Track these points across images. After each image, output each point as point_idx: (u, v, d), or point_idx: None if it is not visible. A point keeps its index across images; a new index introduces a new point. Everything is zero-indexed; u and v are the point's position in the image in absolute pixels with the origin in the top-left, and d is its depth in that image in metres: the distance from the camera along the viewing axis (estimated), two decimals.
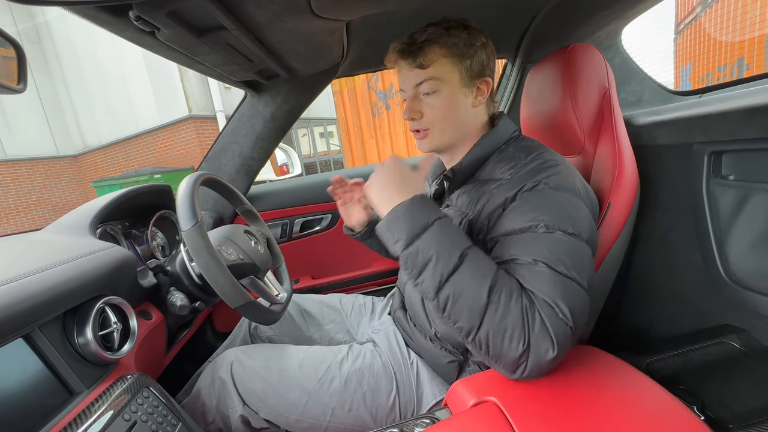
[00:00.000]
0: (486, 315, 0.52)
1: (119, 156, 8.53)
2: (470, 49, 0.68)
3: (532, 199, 0.60)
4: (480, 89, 0.71)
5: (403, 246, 0.56)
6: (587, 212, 0.62)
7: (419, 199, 0.58)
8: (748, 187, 0.69)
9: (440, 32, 0.67)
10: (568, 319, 0.51)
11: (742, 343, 0.70)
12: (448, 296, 0.53)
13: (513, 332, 0.51)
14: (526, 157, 0.66)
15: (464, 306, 0.53)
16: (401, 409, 0.76)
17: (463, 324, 0.53)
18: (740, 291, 0.71)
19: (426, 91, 0.69)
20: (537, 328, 0.50)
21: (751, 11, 2.90)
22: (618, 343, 1.01)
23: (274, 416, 0.75)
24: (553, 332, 0.50)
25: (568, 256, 0.55)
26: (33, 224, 8.39)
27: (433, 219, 0.56)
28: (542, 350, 0.50)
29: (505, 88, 1.45)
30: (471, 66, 0.68)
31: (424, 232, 0.55)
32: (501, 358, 0.52)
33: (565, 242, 0.56)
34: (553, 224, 0.57)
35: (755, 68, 2.87)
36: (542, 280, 0.53)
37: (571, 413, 0.48)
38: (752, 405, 0.59)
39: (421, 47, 0.67)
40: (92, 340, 0.57)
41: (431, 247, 0.55)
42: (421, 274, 0.55)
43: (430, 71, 0.68)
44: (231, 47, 0.78)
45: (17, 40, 0.56)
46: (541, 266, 0.54)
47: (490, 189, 0.66)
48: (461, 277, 0.53)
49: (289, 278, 0.98)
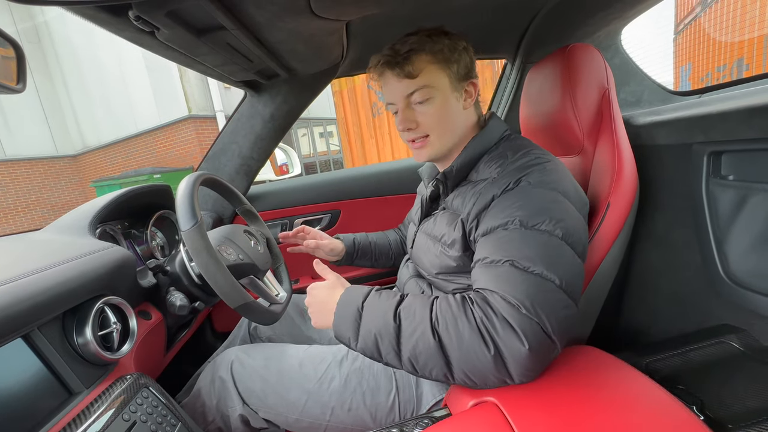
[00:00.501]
0: (447, 351, 0.53)
1: (119, 156, 8.53)
2: (455, 53, 0.69)
3: (511, 197, 0.61)
4: (468, 92, 0.72)
5: (355, 342, 0.59)
6: (573, 210, 0.61)
7: (342, 298, 0.62)
8: (748, 187, 0.69)
9: (424, 40, 0.67)
10: (533, 315, 0.50)
11: (742, 343, 0.70)
12: (409, 358, 0.55)
13: (475, 347, 0.51)
14: (514, 155, 0.67)
15: (426, 357, 0.54)
16: (401, 409, 0.75)
17: (439, 372, 0.54)
18: (739, 291, 0.71)
19: (419, 100, 0.69)
20: (499, 328, 0.51)
21: (751, 11, 2.90)
22: (617, 344, 1.01)
23: (273, 416, 0.75)
24: (519, 329, 0.50)
25: (537, 253, 0.55)
26: (32, 224, 8.38)
27: (360, 303, 0.59)
28: (513, 349, 0.50)
29: (504, 88, 1.45)
30: (458, 70, 0.69)
31: (360, 320, 0.58)
32: (484, 376, 0.52)
33: (535, 238, 0.56)
34: (526, 220, 0.57)
35: (755, 68, 2.87)
36: (504, 279, 0.54)
37: (570, 413, 0.48)
38: (752, 405, 0.59)
39: (408, 56, 0.67)
40: (92, 340, 0.57)
41: (371, 328, 0.57)
42: (382, 355, 0.57)
43: (421, 80, 0.68)
44: (231, 47, 0.78)
45: (17, 40, 0.56)
46: (506, 265, 0.55)
47: (480, 189, 0.66)
48: (406, 335, 0.55)
49: (288, 278, 0.98)
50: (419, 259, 0.81)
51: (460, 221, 0.68)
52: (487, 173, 0.68)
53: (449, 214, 0.73)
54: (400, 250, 1.12)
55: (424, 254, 0.78)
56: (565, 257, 0.57)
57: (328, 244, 1.02)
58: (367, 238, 1.10)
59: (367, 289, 0.62)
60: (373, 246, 1.09)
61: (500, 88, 1.48)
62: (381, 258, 1.10)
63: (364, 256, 1.08)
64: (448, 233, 0.70)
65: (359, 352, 0.59)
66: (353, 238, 1.08)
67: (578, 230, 0.60)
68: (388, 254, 1.11)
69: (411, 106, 0.71)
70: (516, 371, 0.51)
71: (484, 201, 0.64)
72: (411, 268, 0.86)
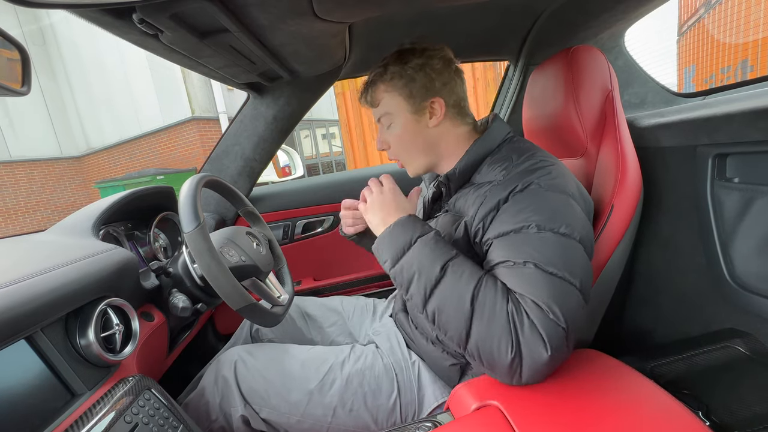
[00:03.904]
0: (472, 323, 0.53)
1: (122, 157, 8.57)
2: (404, 78, 0.71)
3: (523, 200, 0.60)
4: (433, 109, 0.72)
5: (390, 265, 0.61)
6: (581, 212, 0.62)
7: (404, 220, 0.63)
8: (753, 189, 0.68)
9: (380, 72, 0.73)
10: (559, 319, 0.50)
11: (747, 347, 0.69)
12: (434, 309, 0.56)
13: (501, 338, 0.51)
14: (519, 157, 0.67)
15: (450, 317, 0.55)
16: (402, 411, 0.75)
17: (453, 334, 0.55)
18: (745, 294, 0.70)
19: (385, 125, 0.76)
20: (526, 331, 0.50)
21: (755, 13, 2.89)
22: (622, 347, 1.00)
23: (275, 416, 0.74)
24: (545, 334, 0.50)
25: (559, 256, 0.55)
26: (36, 225, 8.43)
27: (416, 237, 0.60)
28: (535, 353, 0.50)
29: (507, 90, 1.45)
30: (413, 92, 0.71)
31: (407, 250, 0.60)
32: (495, 365, 0.53)
33: (556, 242, 0.56)
34: (544, 224, 0.57)
35: (759, 70, 2.86)
36: (531, 281, 0.53)
37: (574, 418, 0.48)
38: (758, 410, 0.58)
39: (368, 88, 0.75)
40: (94, 342, 0.57)
41: (413, 263, 0.58)
42: (408, 290, 0.59)
43: (381, 108, 0.74)
44: (234, 50, 0.79)
45: (21, 43, 0.57)
46: (531, 267, 0.54)
47: (484, 191, 0.66)
48: (444, 288, 0.56)
49: (290, 280, 0.98)
50: None
51: (463, 223, 0.68)
52: (491, 176, 0.68)
53: (452, 215, 0.72)
54: None
55: None
56: (582, 259, 0.57)
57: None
58: None
59: (426, 227, 0.63)
60: None
61: (503, 90, 1.48)
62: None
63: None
64: (450, 234, 0.70)
65: (388, 272, 0.61)
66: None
67: (588, 232, 0.61)
68: None
69: (384, 129, 0.77)
70: (529, 374, 0.51)
71: (490, 204, 0.63)
72: None
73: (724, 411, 0.58)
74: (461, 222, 0.68)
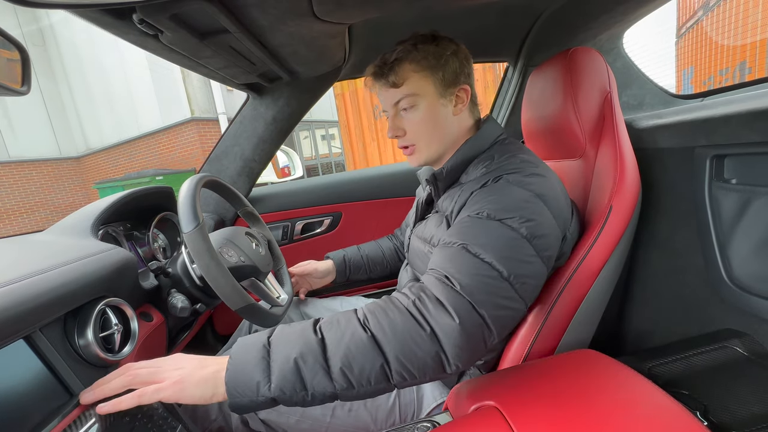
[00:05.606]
0: (382, 345, 0.49)
1: (122, 158, 8.57)
2: (440, 60, 0.69)
3: (488, 192, 0.61)
4: (459, 97, 0.72)
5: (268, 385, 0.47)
6: (548, 216, 0.60)
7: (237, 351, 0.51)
8: (751, 191, 0.69)
9: (408, 49, 0.69)
10: (465, 294, 0.50)
11: (746, 347, 0.70)
12: (341, 369, 0.47)
13: (412, 330, 0.49)
14: (500, 157, 0.68)
15: (361, 361, 0.48)
16: (401, 411, 0.75)
17: (377, 373, 0.48)
18: (743, 295, 0.70)
19: (405, 107, 0.71)
20: (431, 308, 0.50)
21: (753, 15, 2.90)
22: (620, 347, 1.00)
23: (274, 416, 0.74)
24: (448, 303, 0.49)
25: (493, 242, 0.54)
26: (35, 226, 8.42)
27: (261, 345, 0.50)
28: (445, 325, 0.49)
29: (506, 91, 1.45)
30: (444, 76, 0.69)
31: (268, 359, 0.49)
32: (425, 363, 0.49)
33: (498, 231, 0.56)
34: (494, 214, 0.57)
35: (757, 72, 2.87)
36: (451, 258, 0.53)
37: (573, 418, 0.48)
38: (756, 410, 0.58)
39: (392, 67, 0.69)
40: (93, 342, 0.57)
41: (288, 356, 0.48)
42: (306, 383, 0.48)
43: (405, 88, 0.69)
44: (234, 50, 0.79)
45: (21, 43, 0.57)
46: (458, 247, 0.55)
47: (464, 188, 0.67)
48: (333, 344, 0.49)
49: (290, 281, 0.98)
50: (414, 262, 0.81)
51: (445, 219, 0.69)
52: (473, 175, 0.69)
53: (439, 215, 0.73)
54: (395, 257, 1.12)
55: (418, 257, 0.78)
56: (523, 255, 0.56)
57: (317, 267, 1.03)
58: (358, 251, 1.10)
59: (266, 330, 0.54)
60: (366, 259, 1.09)
61: (502, 92, 1.48)
62: (376, 269, 1.10)
63: (357, 271, 1.08)
64: (436, 234, 0.70)
65: (274, 396, 0.48)
66: (343, 255, 1.08)
67: (548, 235, 0.59)
68: (383, 264, 1.10)
69: (399, 114, 0.73)
70: (450, 350, 0.49)
71: (463, 198, 0.64)
72: (410, 272, 0.86)
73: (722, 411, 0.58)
74: (443, 219, 0.69)
